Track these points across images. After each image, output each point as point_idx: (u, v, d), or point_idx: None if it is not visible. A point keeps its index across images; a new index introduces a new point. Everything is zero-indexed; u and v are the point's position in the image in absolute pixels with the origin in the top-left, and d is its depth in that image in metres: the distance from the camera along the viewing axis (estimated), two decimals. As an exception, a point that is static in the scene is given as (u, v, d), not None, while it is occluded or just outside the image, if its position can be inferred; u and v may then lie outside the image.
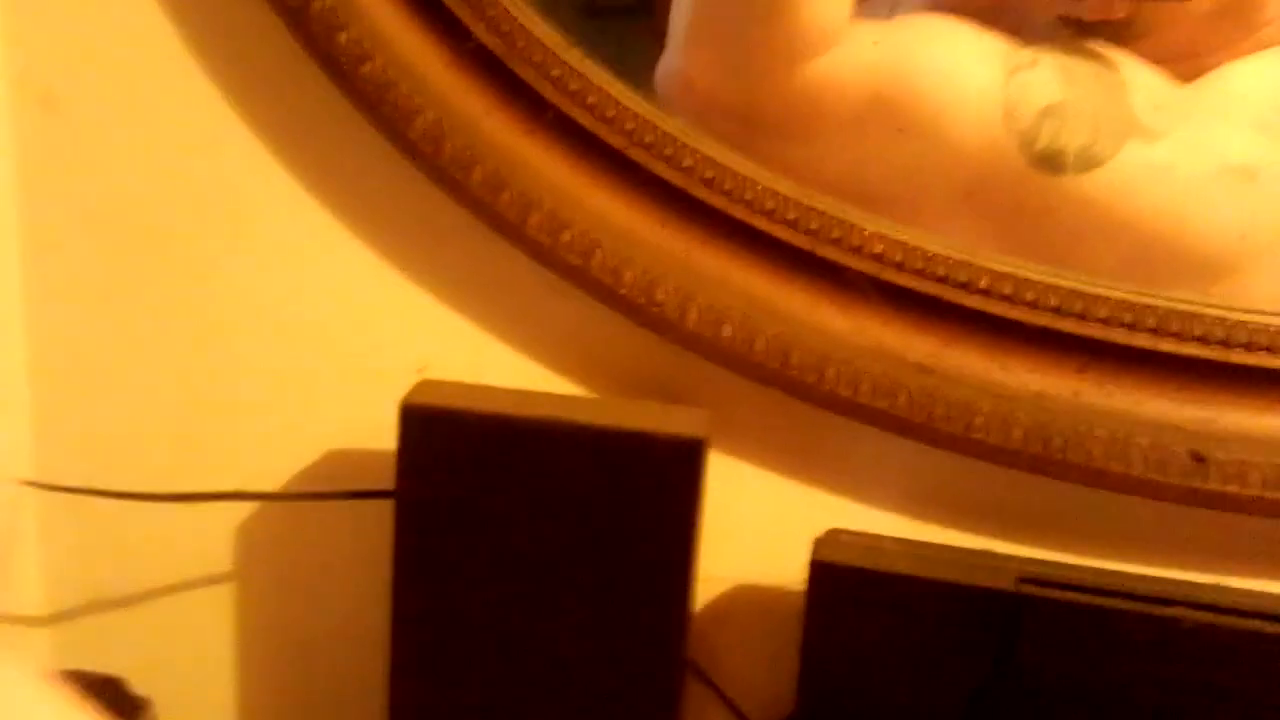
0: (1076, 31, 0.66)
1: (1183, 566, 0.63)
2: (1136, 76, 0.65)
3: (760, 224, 0.63)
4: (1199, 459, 0.60)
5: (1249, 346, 0.59)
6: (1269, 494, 0.59)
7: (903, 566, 0.61)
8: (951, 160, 0.64)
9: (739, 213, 0.63)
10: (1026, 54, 0.64)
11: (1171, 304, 0.60)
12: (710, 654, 0.68)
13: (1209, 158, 0.65)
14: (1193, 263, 0.64)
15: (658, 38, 0.72)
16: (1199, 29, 0.65)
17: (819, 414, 0.64)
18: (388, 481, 0.64)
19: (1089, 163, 0.63)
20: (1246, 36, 0.66)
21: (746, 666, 0.68)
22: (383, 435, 0.63)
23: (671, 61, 0.67)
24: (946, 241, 0.62)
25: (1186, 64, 0.66)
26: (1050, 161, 0.63)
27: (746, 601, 0.67)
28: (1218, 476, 0.60)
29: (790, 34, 0.63)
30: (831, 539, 0.62)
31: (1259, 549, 0.62)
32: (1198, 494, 0.60)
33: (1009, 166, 0.64)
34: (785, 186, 0.63)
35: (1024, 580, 0.59)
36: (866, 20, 0.65)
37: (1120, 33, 0.65)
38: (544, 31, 0.63)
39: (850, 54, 0.64)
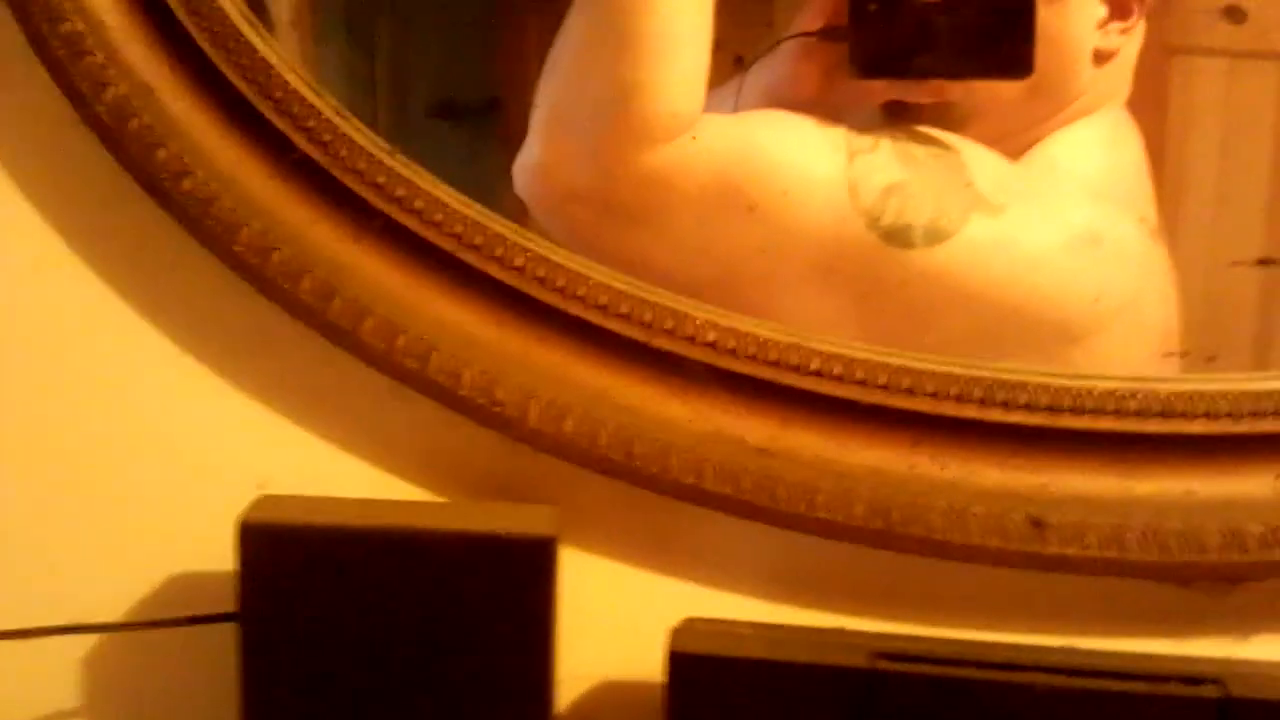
0: (902, 120, 0.68)
1: (1032, 631, 0.63)
2: (972, 155, 0.67)
3: (595, 319, 0.63)
4: (1037, 524, 0.61)
5: (1076, 410, 0.61)
6: (1107, 554, 0.61)
7: (759, 651, 0.60)
8: (803, 238, 0.66)
9: (574, 309, 0.64)
10: (866, 139, 0.66)
11: (997, 374, 0.61)
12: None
13: (1054, 227, 0.67)
14: (1049, 329, 0.66)
15: (507, 140, 0.73)
16: (1017, 109, 0.68)
17: (667, 503, 0.64)
18: (233, 603, 0.62)
19: (936, 236, 0.65)
20: (1058, 109, 0.69)
21: None
22: (226, 556, 0.61)
23: (530, 152, 0.68)
24: (775, 326, 0.63)
25: (1010, 141, 0.69)
26: (899, 237, 0.65)
27: (609, 697, 0.67)
28: (1056, 540, 0.61)
29: (642, 122, 0.65)
30: (688, 628, 0.62)
31: (1102, 608, 0.63)
32: (1038, 558, 0.61)
33: (860, 242, 0.65)
34: (618, 281, 0.64)
35: (878, 656, 0.59)
36: (712, 114, 0.67)
37: (944, 118, 0.68)
38: (366, 139, 0.63)
39: (700, 138, 0.65)
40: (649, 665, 0.61)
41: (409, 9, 0.78)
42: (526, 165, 0.68)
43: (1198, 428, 0.61)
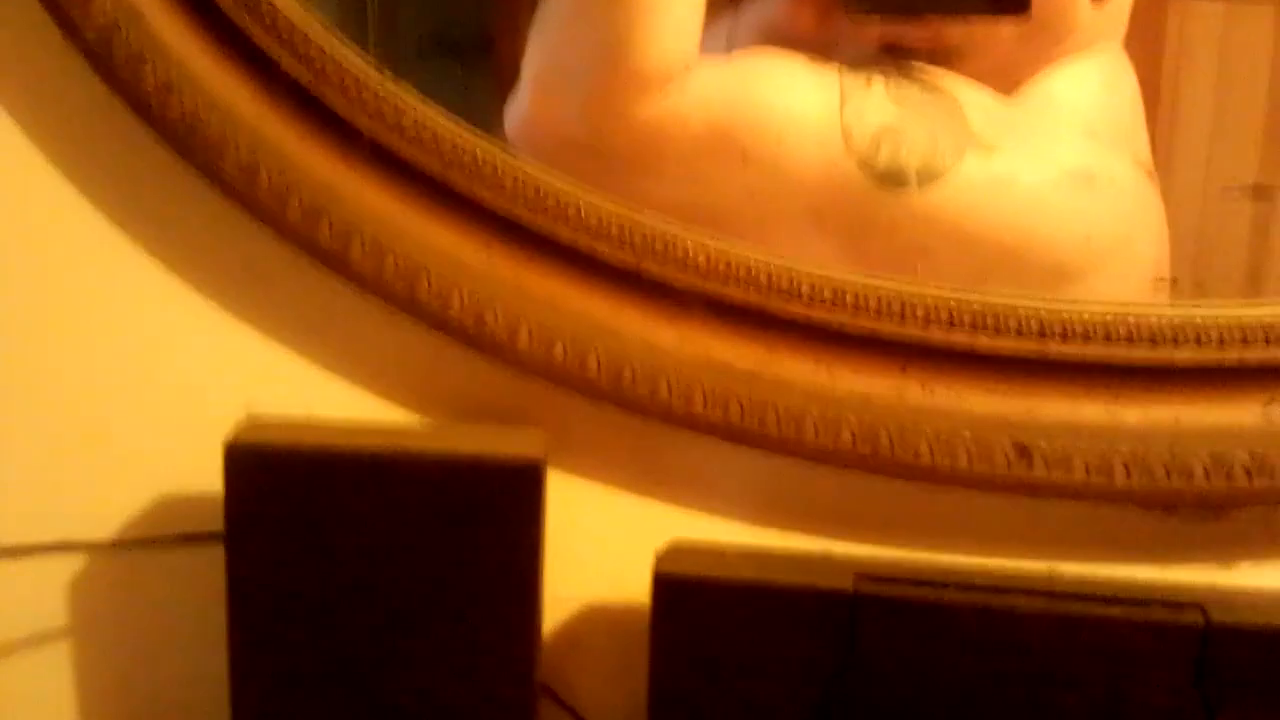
0: (899, 58, 0.67)
1: (1015, 555, 0.64)
2: (965, 93, 0.67)
3: (584, 242, 0.63)
4: (1023, 450, 0.61)
5: (1064, 337, 0.61)
6: (1093, 479, 0.61)
7: (744, 574, 0.61)
8: (797, 183, 0.65)
9: (563, 231, 0.63)
10: (858, 79, 0.66)
11: (986, 299, 0.61)
12: (563, 675, 0.67)
13: (1047, 166, 0.67)
14: (1042, 270, 0.66)
15: (500, 76, 0.72)
16: (1012, 46, 0.68)
17: (655, 427, 0.64)
18: (220, 524, 0.62)
19: (931, 176, 0.65)
20: (1055, 47, 0.68)
21: (600, 685, 0.68)
22: (215, 478, 0.61)
23: (521, 104, 0.67)
24: (767, 252, 0.63)
25: (1004, 79, 0.68)
26: (893, 178, 0.65)
27: (596, 620, 0.67)
28: (1043, 466, 0.61)
29: (635, 71, 0.64)
30: (674, 551, 0.63)
31: (1086, 534, 0.64)
32: (1024, 484, 0.61)
33: (854, 186, 0.65)
34: (608, 204, 0.63)
35: (862, 579, 0.60)
36: (705, 57, 0.66)
37: (940, 57, 0.67)
38: (353, 60, 0.63)
39: (692, 87, 0.65)
40: (636, 588, 0.62)
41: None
42: (518, 116, 0.68)
43: (1186, 355, 0.60)
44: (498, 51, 0.76)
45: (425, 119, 0.63)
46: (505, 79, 0.68)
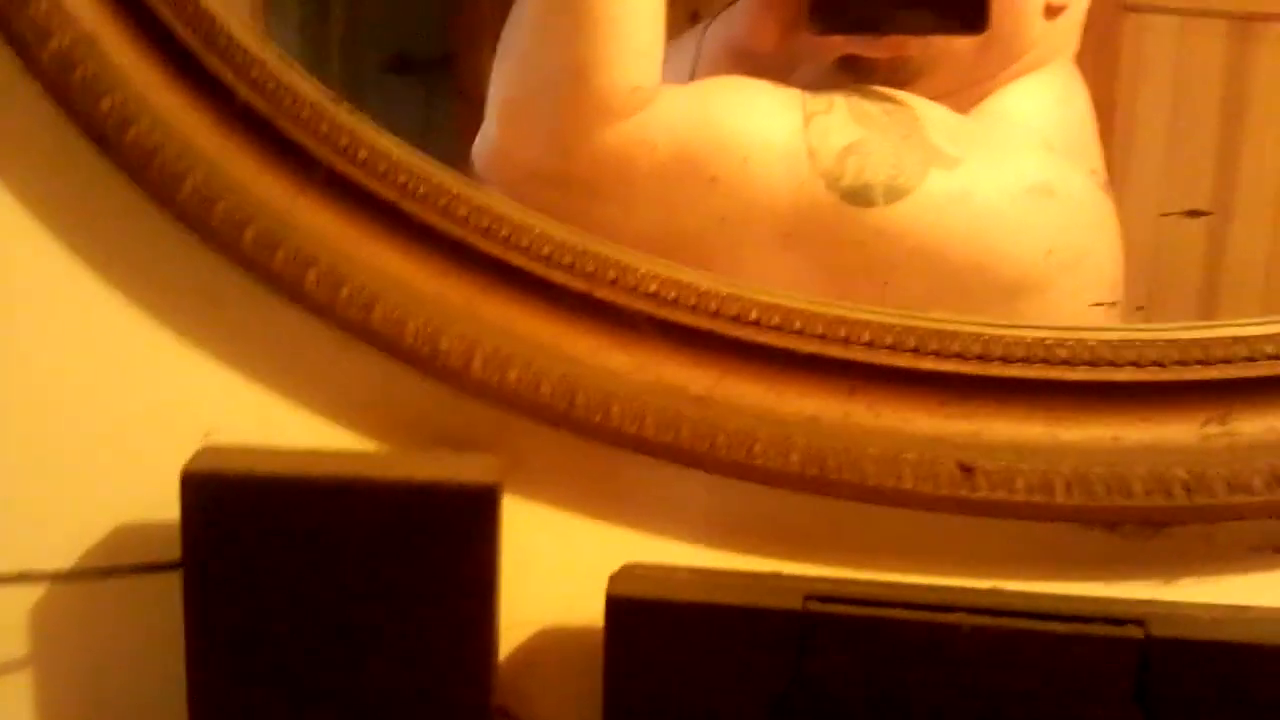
0: (858, 77, 0.69)
1: (960, 574, 0.65)
2: (925, 110, 0.68)
3: (538, 269, 0.64)
4: (967, 470, 0.62)
5: (1005, 359, 0.62)
6: (1035, 498, 0.62)
7: (695, 595, 0.62)
8: (765, 204, 0.67)
9: (517, 259, 0.64)
10: (821, 100, 0.68)
11: (930, 324, 0.62)
12: (521, 698, 0.68)
13: (1008, 179, 0.69)
14: (1004, 282, 0.68)
15: (461, 94, 0.73)
16: (970, 62, 0.69)
17: (609, 451, 0.65)
18: (179, 553, 0.63)
19: (896, 193, 0.66)
20: (1009, 64, 0.70)
21: (557, 707, 0.68)
22: (174, 506, 0.62)
23: (489, 134, 0.69)
24: (716, 277, 0.64)
25: (961, 96, 0.70)
26: (859, 196, 0.66)
27: (552, 643, 0.68)
28: (985, 485, 0.62)
29: (599, 98, 0.65)
30: (627, 574, 0.63)
31: (1030, 551, 0.65)
32: (968, 503, 0.62)
33: (821, 204, 0.66)
34: (561, 232, 0.64)
35: (810, 598, 0.61)
36: (669, 84, 0.68)
37: (898, 74, 0.69)
38: (311, 88, 0.64)
39: (657, 113, 0.66)
40: (591, 611, 0.62)
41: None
42: (485, 147, 0.69)
43: (1124, 376, 0.62)
44: (459, 69, 0.77)
45: (381, 149, 0.64)
46: (467, 95, 0.69)
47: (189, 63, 0.63)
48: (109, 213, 0.66)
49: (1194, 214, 0.71)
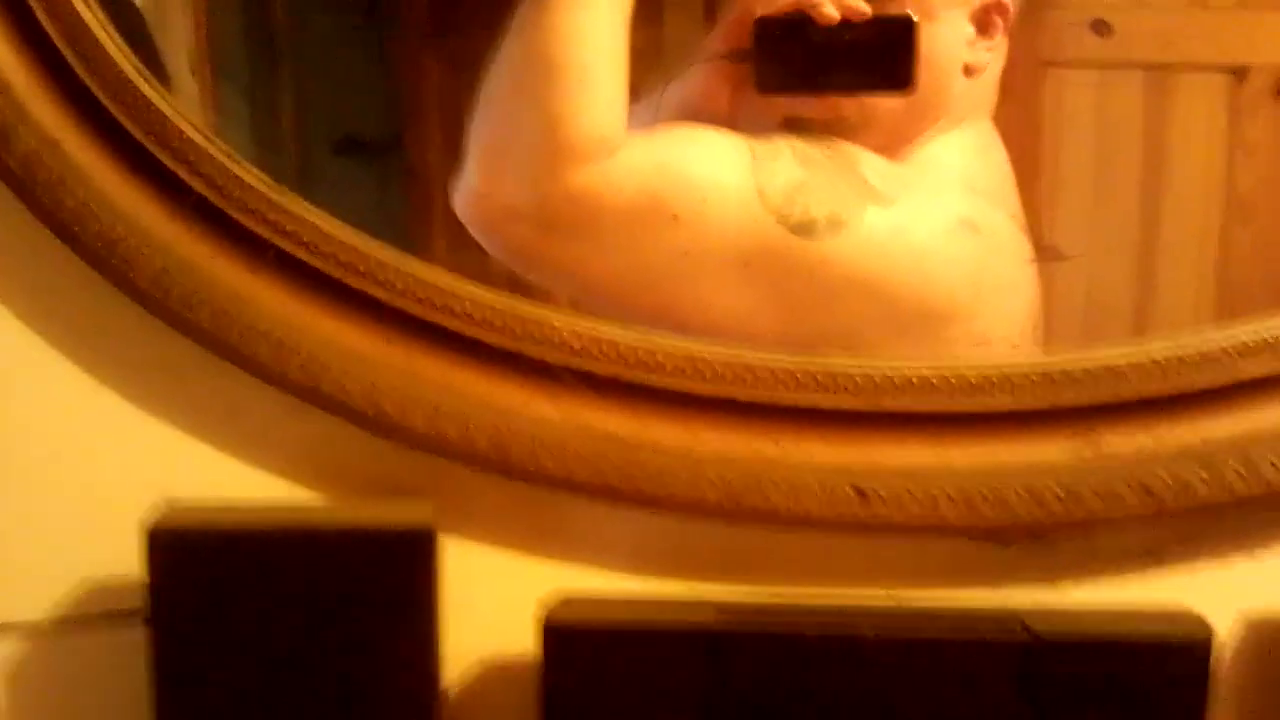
0: (800, 130, 0.76)
1: (863, 588, 0.71)
2: (860, 156, 0.75)
3: (470, 331, 0.70)
4: (862, 494, 0.68)
5: (894, 392, 0.68)
6: (925, 517, 0.68)
7: (622, 619, 0.67)
8: (722, 239, 0.73)
9: (450, 323, 0.70)
10: (768, 146, 0.74)
11: (824, 363, 0.69)
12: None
13: (938, 216, 0.75)
14: (936, 310, 0.74)
15: (411, 173, 0.78)
16: (899, 119, 0.76)
17: (538, 493, 0.70)
18: (140, 607, 0.67)
19: (838, 227, 0.73)
20: (936, 119, 0.77)
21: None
22: (134, 564, 0.67)
23: (468, 182, 0.75)
24: (632, 331, 0.70)
25: (890, 148, 0.77)
26: (805, 230, 0.72)
27: (492, 675, 0.73)
28: (880, 506, 0.68)
29: (571, 144, 0.71)
30: (561, 604, 0.69)
31: (924, 565, 0.71)
32: (863, 523, 0.68)
33: (772, 238, 0.72)
34: (490, 296, 0.70)
35: (723, 616, 0.67)
36: (632, 132, 0.74)
37: (835, 131, 0.76)
38: (256, 180, 0.70)
39: (623, 157, 0.72)
40: (528, 642, 0.68)
41: (306, 52, 0.83)
42: (465, 192, 0.75)
43: (1000, 403, 0.68)
44: (407, 148, 0.83)
45: (325, 231, 0.70)
46: (416, 173, 0.75)
47: (146, 161, 0.69)
48: (76, 298, 0.71)
49: (1057, 257, 0.78)
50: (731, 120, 0.76)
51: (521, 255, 0.74)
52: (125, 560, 0.68)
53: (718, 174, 0.73)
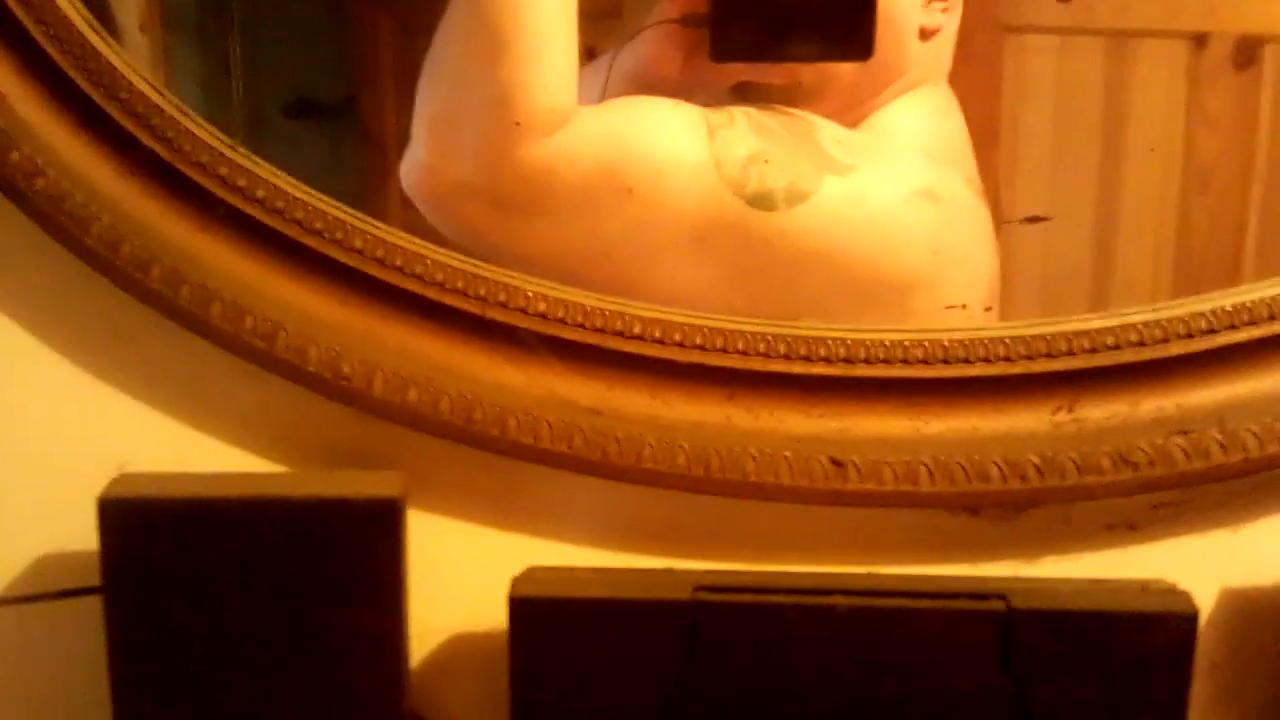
0: (753, 100, 0.74)
1: (837, 561, 0.70)
2: (817, 123, 0.74)
3: (433, 294, 0.68)
4: (838, 464, 0.67)
5: (869, 361, 0.67)
6: (902, 487, 0.67)
7: (593, 592, 0.66)
8: (678, 211, 0.71)
9: (412, 286, 0.68)
10: (723, 115, 0.72)
11: (798, 331, 0.67)
12: (433, 704, 0.71)
13: (896, 185, 0.74)
14: (896, 280, 0.73)
15: (365, 136, 0.76)
16: (855, 85, 0.75)
17: (506, 463, 0.69)
18: (98, 580, 0.65)
19: (796, 198, 0.71)
20: (891, 83, 0.76)
21: (467, 709, 0.72)
22: (92, 536, 0.65)
23: (416, 155, 0.72)
24: (600, 296, 0.68)
25: (846, 116, 0.75)
26: (762, 201, 0.71)
27: (461, 648, 0.71)
28: (856, 477, 0.67)
29: (522, 118, 0.69)
30: (528, 576, 0.67)
31: (901, 537, 0.70)
32: (840, 494, 0.67)
33: (728, 210, 0.71)
34: (453, 259, 0.68)
35: (699, 589, 0.65)
36: (584, 105, 0.72)
37: (789, 97, 0.74)
38: (207, 134, 0.67)
39: (576, 130, 0.70)
40: (496, 615, 0.66)
41: (258, 12, 0.81)
42: (413, 166, 0.72)
43: (977, 371, 0.67)
44: (361, 111, 0.80)
45: (278, 187, 0.67)
46: (370, 137, 0.73)
47: (94, 114, 0.67)
48: (20, 257, 0.69)
49: (1032, 219, 0.77)
50: (683, 87, 0.74)
51: (471, 231, 0.72)
52: (81, 533, 0.65)
53: (672, 145, 0.71)
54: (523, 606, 0.65)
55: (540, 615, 0.65)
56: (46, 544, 0.71)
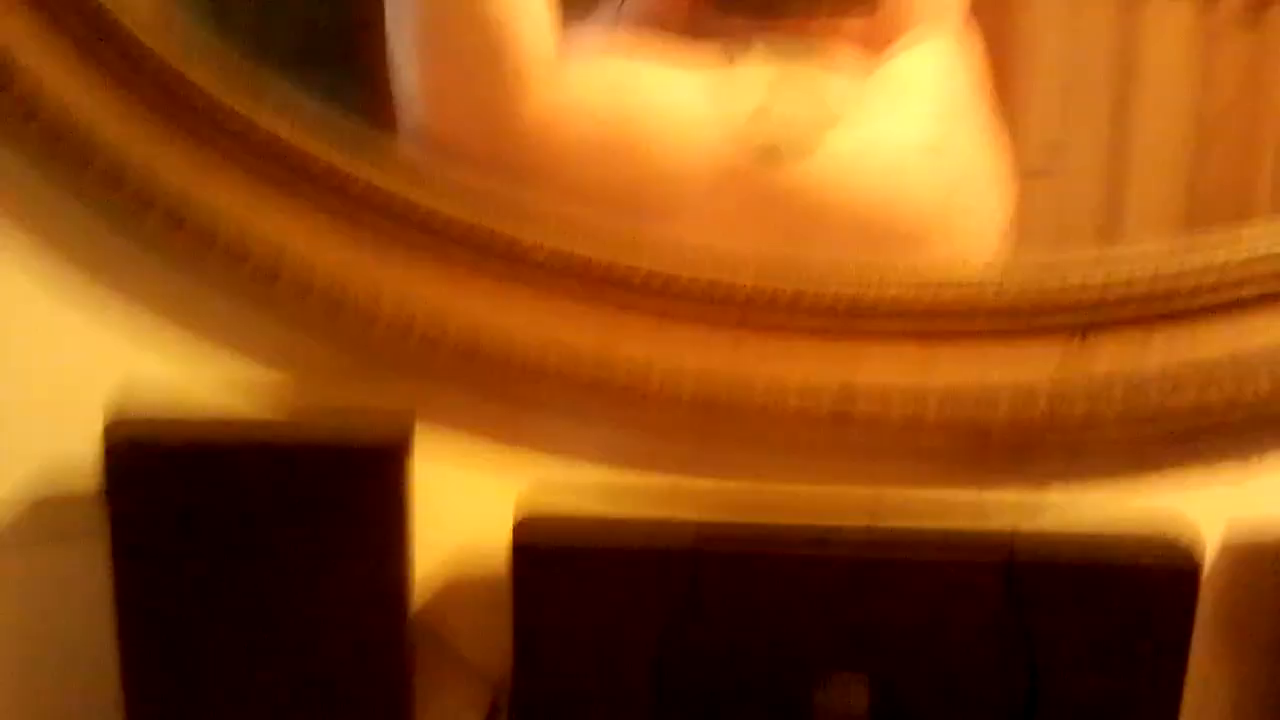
0: (761, 47, 0.73)
1: (845, 483, 0.69)
2: (823, 76, 0.72)
3: (437, 226, 0.67)
4: (846, 389, 0.67)
5: (880, 285, 0.67)
6: (909, 413, 0.66)
7: (595, 540, 0.66)
8: (687, 165, 0.70)
9: (414, 226, 0.67)
10: (727, 69, 0.71)
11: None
12: (439, 615, 0.72)
13: (905, 136, 0.73)
14: (908, 232, 0.72)
15: (369, 72, 0.75)
16: (865, 36, 0.73)
17: (510, 408, 0.69)
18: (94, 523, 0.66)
19: (802, 151, 0.70)
20: (902, 33, 0.74)
21: (473, 621, 0.72)
22: (84, 477, 0.66)
23: (417, 120, 0.71)
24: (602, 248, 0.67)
25: (858, 64, 0.74)
26: (770, 154, 0.70)
27: (465, 562, 0.72)
28: (864, 402, 0.67)
29: (515, 69, 0.68)
30: (529, 524, 0.66)
31: (907, 469, 0.69)
32: (848, 418, 0.67)
33: (738, 165, 0.70)
34: (452, 208, 0.67)
35: (701, 537, 0.65)
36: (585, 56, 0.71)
37: (799, 43, 0.72)
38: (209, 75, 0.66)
39: (575, 85, 0.70)
40: (502, 557, 0.66)
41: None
42: (411, 131, 0.71)
43: (989, 297, 0.66)
44: (364, 44, 0.79)
45: (280, 124, 0.66)
46: (372, 70, 0.71)
47: (95, 52, 0.65)
48: (17, 197, 0.68)
49: (1043, 171, 0.76)
50: (691, 33, 0.73)
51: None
52: (75, 474, 0.66)
53: (678, 99, 0.70)
54: (526, 554, 0.65)
55: (543, 562, 0.65)
56: (47, 488, 0.71)
